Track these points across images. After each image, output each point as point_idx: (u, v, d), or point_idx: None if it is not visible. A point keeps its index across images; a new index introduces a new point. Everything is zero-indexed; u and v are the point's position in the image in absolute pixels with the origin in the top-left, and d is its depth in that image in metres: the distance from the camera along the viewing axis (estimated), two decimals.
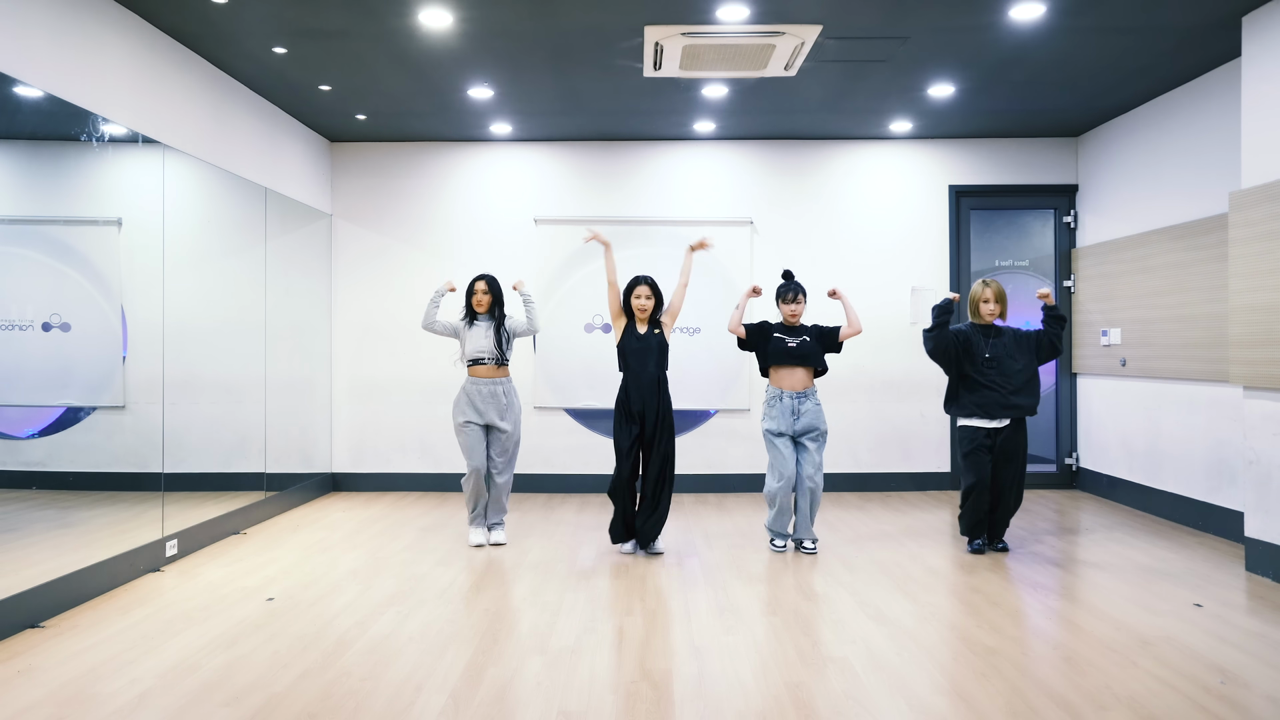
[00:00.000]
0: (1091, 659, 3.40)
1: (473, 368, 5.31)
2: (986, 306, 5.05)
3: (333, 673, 3.26)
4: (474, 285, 5.36)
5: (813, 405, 5.10)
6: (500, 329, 5.31)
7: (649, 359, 5.05)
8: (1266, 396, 4.56)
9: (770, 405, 5.13)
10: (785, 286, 5.20)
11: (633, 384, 5.04)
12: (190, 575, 4.63)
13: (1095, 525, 5.87)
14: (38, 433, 4.31)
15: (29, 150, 4.22)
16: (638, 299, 5.09)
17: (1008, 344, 5.03)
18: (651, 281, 5.14)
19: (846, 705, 2.98)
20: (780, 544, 5.17)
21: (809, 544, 5.11)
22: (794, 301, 5.14)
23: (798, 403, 5.08)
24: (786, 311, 5.16)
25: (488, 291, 5.34)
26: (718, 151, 7.37)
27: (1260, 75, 4.64)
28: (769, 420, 5.13)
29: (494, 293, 5.35)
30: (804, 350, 5.10)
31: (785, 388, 5.11)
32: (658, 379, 5.05)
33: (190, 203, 5.30)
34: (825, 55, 5.24)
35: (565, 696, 3.05)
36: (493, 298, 5.34)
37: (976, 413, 5.01)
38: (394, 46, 5.10)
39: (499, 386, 5.28)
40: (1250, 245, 4.63)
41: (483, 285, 5.35)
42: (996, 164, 7.33)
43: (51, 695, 3.06)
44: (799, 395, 5.09)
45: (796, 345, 5.10)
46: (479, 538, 5.30)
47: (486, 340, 5.29)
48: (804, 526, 5.12)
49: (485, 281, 5.37)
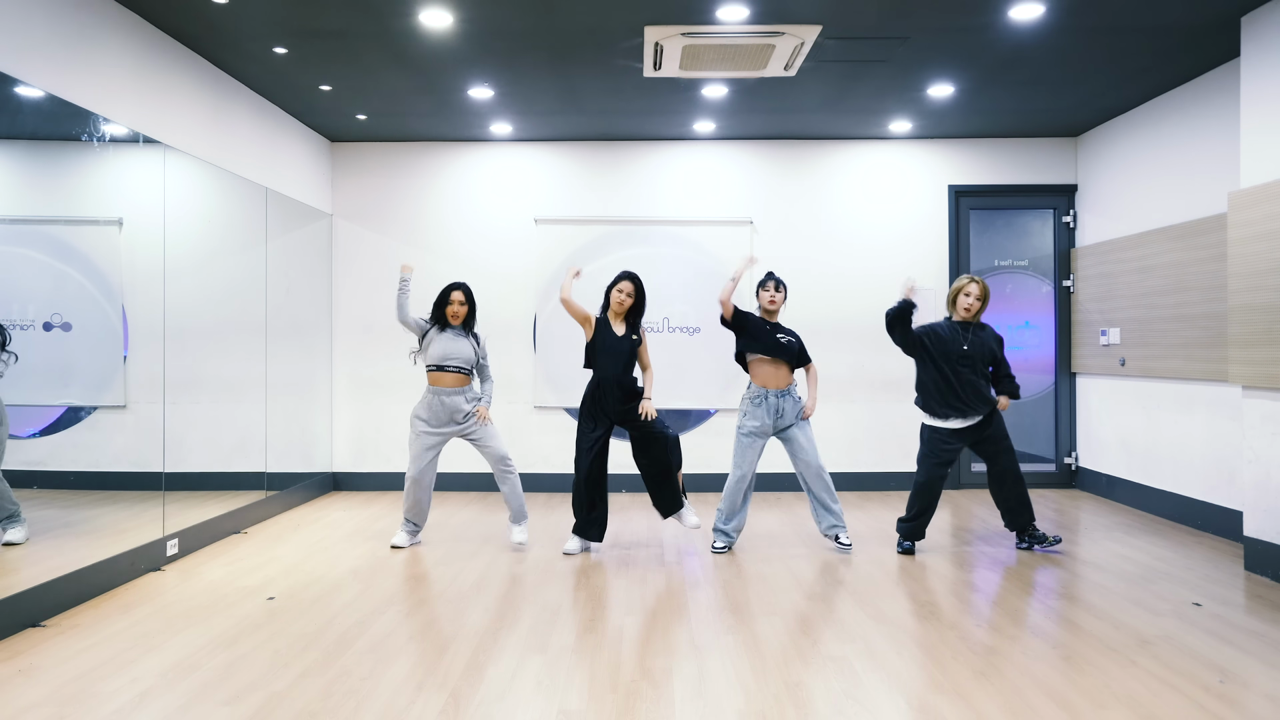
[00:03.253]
0: (1090, 658, 3.41)
1: (436, 374, 5.07)
2: (966, 300, 5.02)
3: (333, 672, 3.27)
4: (449, 295, 5.08)
5: (793, 401, 5.12)
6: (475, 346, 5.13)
7: (619, 362, 5.02)
8: (1266, 396, 4.56)
9: (754, 404, 5.10)
10: (765, 278, 5.19)
11: (603, 384, 5.02)
12: (191, 574, 4.63)
13: (1094, 524, 5.88)
14: (39, 432, 4.32)
15: (30, 150, 4.22)
16: (618, 293, 5.05)
17: (986, 340, 5.03)
18: (636, 280, 5.10)
19: (846, 704, 2.99)
20: (722, 545, 5.14)
21: (844, 538, 5.10)
22: (773, 289, 5.13)
23: (781, 401, 5.09)
24: (765, 299, 5.14)
25: (464, 303, 5.09)
26: (718, 151, 7.37)
27: (1259, 75, 4.64)
28: (751, 419, 5.11)
29: (470, 303, 5.12)
30: (792, 348, 5.10)
31: (770, 386, 5.10)
32: (622, 382, 5.01)
33: (191, 203, 5.31)
34: (825, 55, 5.24)
35: (565, 696, 3.06)
36: (469, 308, 5.12)
37: (951, 414, 4.98)
38: (394, 46, 5.11)
39: (460, 397, 5.09)
40: (1249, 245, 4.63)
41: (459, 295, 5.08)
42: (996, 164, 7.34)
43: (52, 694, 3.07)
44: (782, 394, 5.10)
45: (787, 343, 5.10)
46: (401, 540, 5.23)
47: (463, 347, 5.07)
48: (832, 516, 5.11)
49: (462, 291, 5.10)
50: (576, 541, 5.12)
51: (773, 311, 5.17)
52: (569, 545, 5.12)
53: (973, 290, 5.02)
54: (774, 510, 6.42)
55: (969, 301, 5.02)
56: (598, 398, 5.04)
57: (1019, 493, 5.04)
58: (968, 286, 5.04)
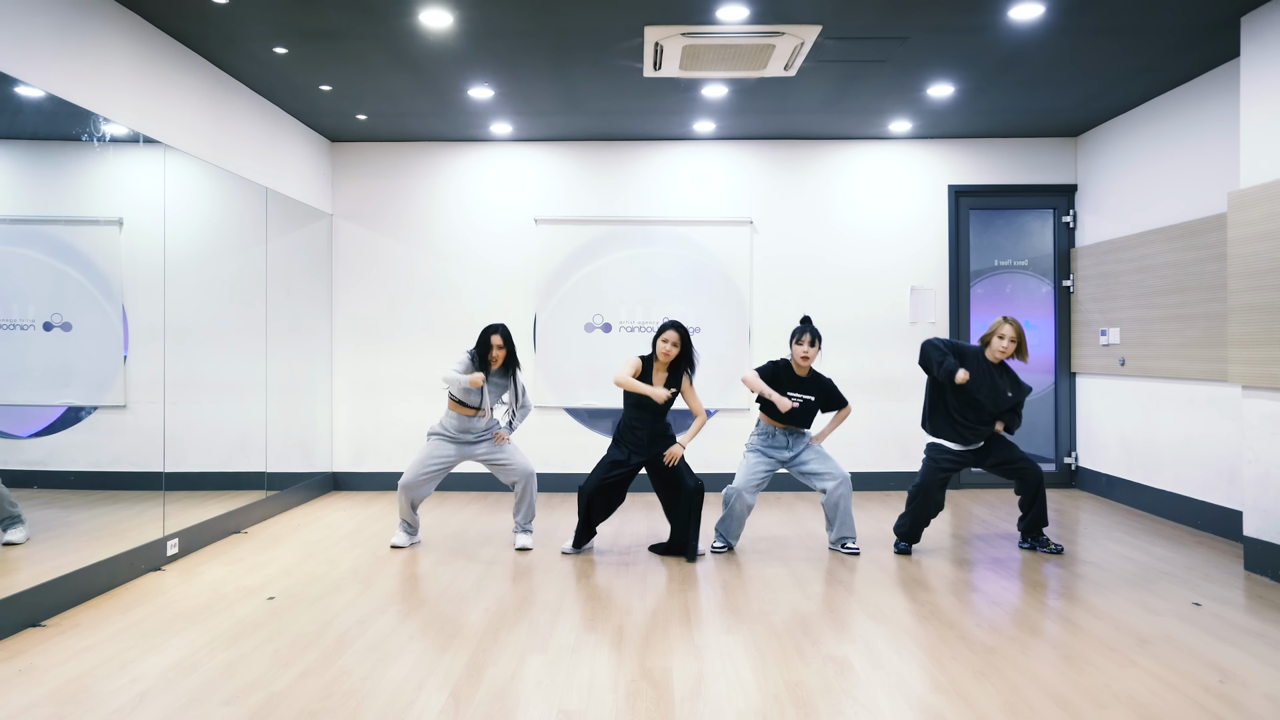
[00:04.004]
0: (1090, 658, 3.41)
1: (458, 405, 5.08)
2: (1000, 343, 4.88)
3: (333, 671, 3.27)
4: (488, 339, 4.99)
5: (804, 441, 5.12)
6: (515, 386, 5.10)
7: (657, 415, 4.96)
8: (1265, 396, 4.56)
9: (762, 438, 5.13)
10: (801, 330, 5.04)
11: (639, 427, 4.96)
12: (191, 574, 4.64)
13: (1094, 524, 5.88)
14: (39, 432, 4.32)
15: (30, 150, 4.22)
16: (664, 343, 4.91)
17: (1001, 389, 4.91)
18: (683, 330, 4.94)
19: (846, 704, 2.99)
20: (720, 545, 5.15)
21: (852, 543, 5.09)
22: (807, 344, 4.99)
23: (792, 439, 5.11)
24: (798, 354, 5.01)
25: (503, 346, 4.99)
26: (718, 151, 7.37)
27: (1259, 75, 4.64)
28: (758, 441, 5.13)
29: (509, 346, 5.03)
30: (803, 410, 5.05)
31: (779, 427, 5.11)
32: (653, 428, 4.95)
33: (191, 203, 5.31)
34: (825, 55, 5.24)
35: (565, 695, 3.06)
36: (508, 351, 5.03)
37: (955, 439, 4.98)
38: (394, 47, 5.11)
39: (479, 422, 5.10)
40: (1249, 245, 4.63)
41: (498, 339, 4.98)
42: (996, 164, 7.34)
43: (52, 694, 3.07)
44: (792, 433, 5.12)
45: (798, 406, 5.02)
46: (401, 539, 5.25)
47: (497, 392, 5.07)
48: (844, 525, 5.09)
49: (500, 335, 4.99)
50: (570, 545, 5.13)
51: (804, 366, 5.07)
52: (568, 545, 5.12)
53: (1007, 333, 4.87)
54: (774, 510, 6.42)
55: (1004, 345, 4.88)
56: (629, 427, 4.99)
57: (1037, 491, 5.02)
58: (1002, 329, 4.89)
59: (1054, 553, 5.04)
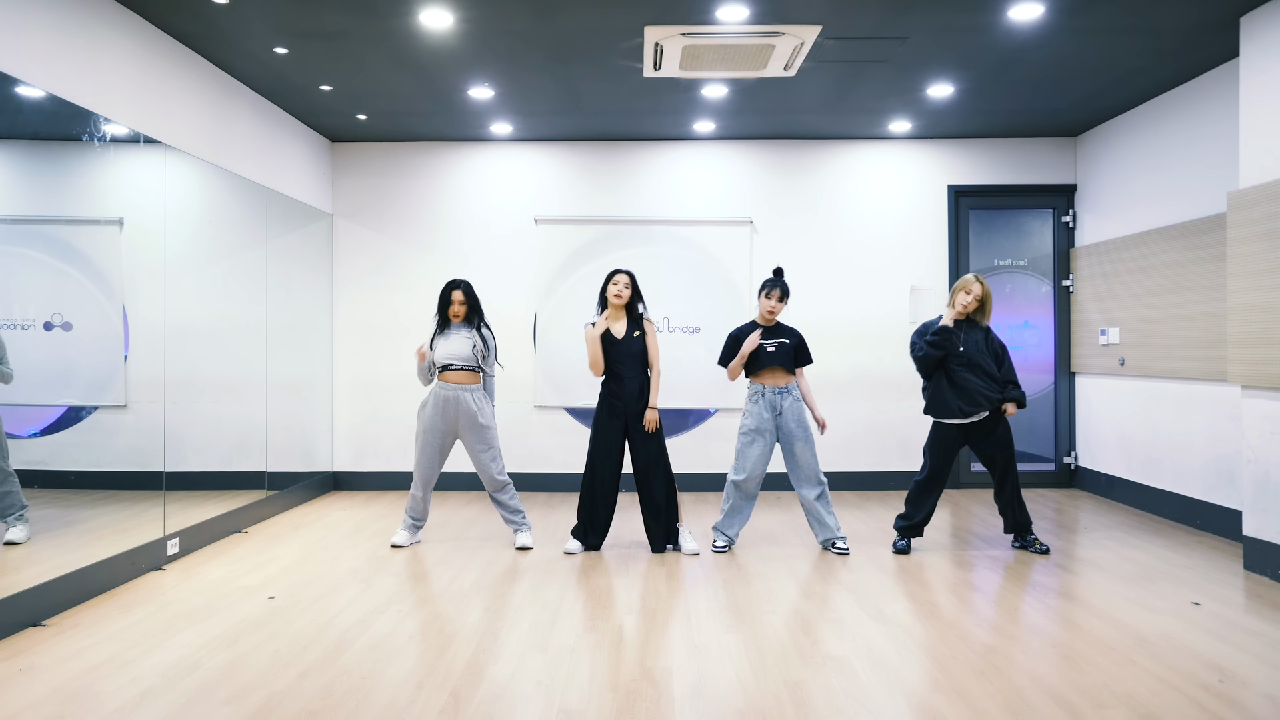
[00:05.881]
0: (1090, 657, 3.41)
1: (444, 373, 5.12)
2: (965, 298, 5.01)
3: (333, 671, 3.27)
4: (449, 294, 5.14)
5: (793, 401, 5.11)
6: (480, 337, 5.14)
7: (634, 364, 5.03)
8: (1265, 396, 4.57)
9: (752, 402, 5.14)
10: (771, 282, 5.14)
11: (616, 387, 5.04)
12: (191, 574, 4.64)
13: (1094, 524, 5.88)
14: (40, 432, 4.32)
15: (31, 150, 4.23)
16: (614, 285, 5.03)
17: (979, 342, 5.02)
18: (630, 274, 5.10)
19: (846, 704, 2.99)
20: (722, 544, 5.16)
21: (841, 543, 5.10)
22: (776, 299, 5.10)
23: (779, 398, 5.09)
24: (765, 307, 5.12)
25: (464, 301, 5.13)
26: (717, 151, 7.38)
27: (1258, 75, 4.65)
28: (749, 418, 5.13)
29: (470, 301, 5.15)
30: (782, 352, 5.09)
31: (766, 383, 5.12)
32: (641, 386, 5.04)
33: (191, 202, 5.31)
34: (825, 55, 5.24)
35: (565, 695, 3.06)
36: (469, 306, 5.15)
37: (956, 413, 5.00)
38: (394, 46, 5.11)
39: (469, 393, 5.11)
40: (1248, 245, 4.64)
41: (459, 294, 5.13)
42: (995, 164, 7.34)
43: (53, 693, 3.07)
44: (780, 390, 5.10)
45: (775, 350, 5.08)
46: (401, 539, 5.26)
47: (462, 345, 5.10)
48: (827, 530, 5.11)
49: (461, 290, 5.14)
50: (577, 542, 5.13)
51: (770, 319, 5.16)
52: (570, 545, 5.12)
53: (974, 289, 5.01)
54: (774, 510, 6.42)
55: (967, 300, 5.02)
56: (614, 391, 5.05)
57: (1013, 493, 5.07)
58: (970, 285, 5.03)
59: (1040, 552, 5.05)
